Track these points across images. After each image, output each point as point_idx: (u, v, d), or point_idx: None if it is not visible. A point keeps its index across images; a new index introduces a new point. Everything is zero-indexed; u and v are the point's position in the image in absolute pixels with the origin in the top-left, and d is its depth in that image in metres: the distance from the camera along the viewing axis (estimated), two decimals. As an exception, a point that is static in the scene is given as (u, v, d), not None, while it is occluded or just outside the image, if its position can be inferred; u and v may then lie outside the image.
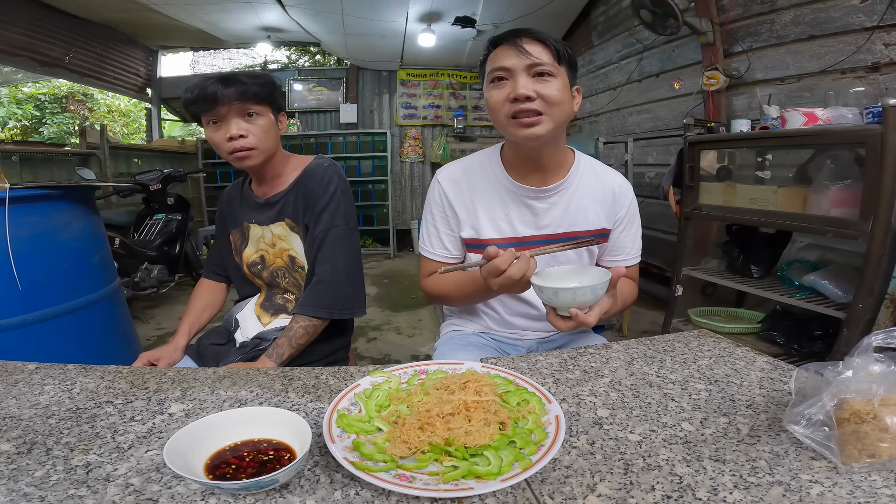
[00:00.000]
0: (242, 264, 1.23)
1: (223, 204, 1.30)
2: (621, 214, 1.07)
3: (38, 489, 0.51)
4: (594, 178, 1.07)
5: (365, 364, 0.95)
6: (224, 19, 4.92)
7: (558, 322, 0.86)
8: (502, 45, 0.93)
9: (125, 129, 9.58)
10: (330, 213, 1.11)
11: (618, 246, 1.10)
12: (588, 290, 0.80)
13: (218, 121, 1.07)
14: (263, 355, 1.06)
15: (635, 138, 3.48)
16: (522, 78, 0.90)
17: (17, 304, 1.48)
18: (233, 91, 1.04)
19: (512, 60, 0.91)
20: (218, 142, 1.08)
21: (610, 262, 1.11)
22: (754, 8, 2.67)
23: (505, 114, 0.93)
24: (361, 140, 5.91)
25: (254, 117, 1.08)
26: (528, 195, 1.03)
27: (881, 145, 1.49)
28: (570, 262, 1.06)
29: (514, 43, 0.91)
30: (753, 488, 0.50)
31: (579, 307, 0.82)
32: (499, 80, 0.93)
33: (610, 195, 1.06)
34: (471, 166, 1.09)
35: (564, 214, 1.04)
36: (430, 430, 0.57)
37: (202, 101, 1.04)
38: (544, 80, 0.91)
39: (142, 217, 3.69)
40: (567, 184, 1.04)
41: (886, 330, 0.58)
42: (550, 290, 0.81)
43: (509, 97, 0.91)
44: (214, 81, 1.04)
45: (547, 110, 0.91)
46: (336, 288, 1.11)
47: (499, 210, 1.04)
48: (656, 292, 3.54)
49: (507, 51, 0.92)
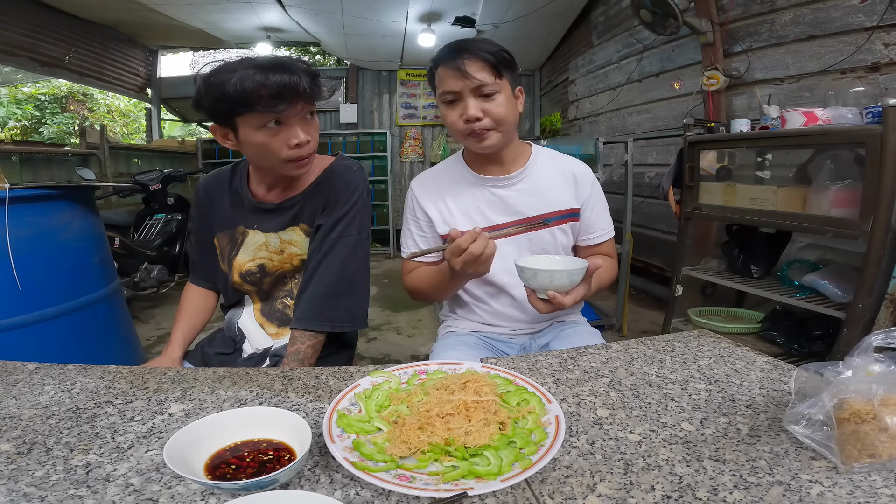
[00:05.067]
0: (232, 272, 1.10)
1: (202, 200, 1.14)
2: (587, 193, 1.15)
3: (38, 489, 0.51)
4: (553, 164, 1.16)
5: (365, 364, 0.95)
6: (224, 19, 4.92)
7: (538, 304, 0.93)
8: (446, 67, 1.00)
9: (125, 129, 9.59)
10: (347, 222, 1.04)
11: (591, 224, 1.17)
12: (565, 275, 0.88)
13: (281, 122, 0.91)
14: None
15: (635, 138, 3.47)
16: (470, 99, 1.01)
17: (17, 304, 1.48)
18: (305, 89, 0.88)
19: (458, 83, 1.00)
20: (275, 147, 0.93)
21: (586, 241, 1.18)
22: (754, 8, 2.67)
23: (461, 131, 1.05)
24: (361, 140, 5.92)
25: (313, 118, 0.97)
26: (493, 184, 1.13)
27: (881, 145, 1.49)
28: (546, 243, 1.13)
29: (455, 66, 0.98)
30: (753, 488, 0.50)
31: (557, 290, 0.89)
32: (450, 102, 1.04)
33: (571, 177, 1.15)
34: (439, 171, 1.20)
35: (531, 198, 1.12)
36: (430, 430, 0.57)
37: (268, 100, 0.86)
38: (489, 99, 1.01)
39: (142, 217, 3.69)
40: (528, 171, 1.13)
41: (886, 330, 0.58)
42: (530, 272, 0.89)
43: (462, 118, 1.02)
44: (278, 75, 0.86)
45: (495, 125, 1.03)
46: (338, 300, 1.03)
47: (470, 203, 1.13)
48: (656, 292, 3.54)
49: (451, 73, 1.00)
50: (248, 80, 0.86)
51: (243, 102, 0.87)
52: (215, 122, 0.96)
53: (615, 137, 3.78)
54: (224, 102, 0.88)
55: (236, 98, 0.86)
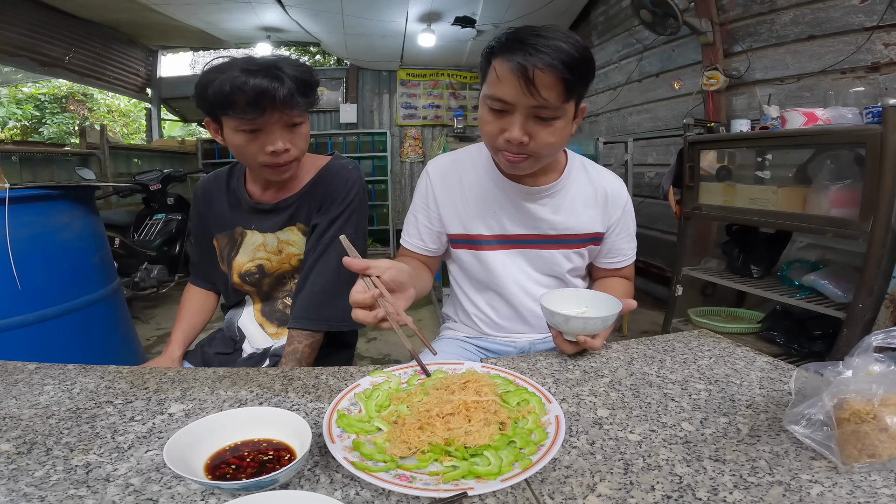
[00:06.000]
0: (231, 273, 1.11)
1: (200, 201, 1.14)
2: (616, 218, 1.05)
3: (38, 489, 0.51)
4: (587, 180, 1.04)
5: (365, 364, 0.95)
6: (224, 19, 4.92)
7: (565, 346, 0.85)
8: (510, 65, 0.78)
9: (125, 129, 9.59)
10: (343, 220, 1.04)
11: (614, 249, 1.09)
12: (599, 321, 0.80)
13: (257, 130, 0.91)
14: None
15: (635, 138, 3.48)
16: (521, 118, 0.82)
17: (17, 304, 1.48)
18: (283, 98, 0.86)
19: (516, 95, 0.79)
20: (251, 152, 0.93)
21: (606, 265, 1.11)
22: (754, 8, 2.67)
23: (496, 147, 0.88)
24: (361, 140, 5.92)
25: (297, 127, 0.95)
26: (519, 194, 1.01)
27: (881, 145, 1.49)
28: (558, 265, 1.05)
29: (523, 73, 0.77)
30: (753, 488, 0.50)
31: (587, 334, 0.81)
32: (497, 111, 0.84)
33: (602, 196, 1.04)
34: (462, 160, 1.06)
35: (556, 216, 1.02)
36: (430, 430, 0.57)
37: (243, 106, 0.86)
38: (544, 123, 0.83)
39: (142, 217, 3.69)
40: (559, 186, 1.01)
41: (886, 330, 0.58)
42: (561, 317, 0.80)
43: (504, 135, 0.84)
44: (257, 80, 0.84)
45: (536, 152, 0.86)
46: (335, 299, 1.03)
47: (488, 207, 1.02)
48: (656, 292, 3.54)
49: (512, 79, 0.78)
50: (227, 83, 0.85)
51: (220, 105, 0.88)
52: (207, 116, 0.97)
53: (615, 137, 3.78)
54: (206, 101, 0.90)
55: (214, 100, 0.88)
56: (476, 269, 1.07)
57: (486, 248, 1.05)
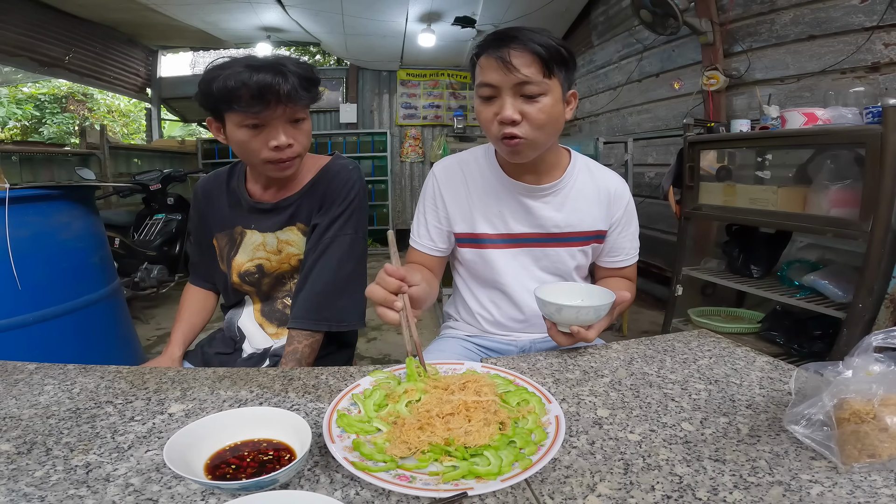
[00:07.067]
0: (231, 273, 1.11)
1: (200, 200, 1.15)
2: (618, 216, 1.07)
3: (38, 489, 0.51)
4: (590, 178, 1.06)
5: (365, 364, 0.95)
6: (224, 19, 4.92)
7: (559, 337, 0.87)
8: (489, 56, 0.88)
9: (125, 129, 9.59)
10: (343, 221, 1.04)
11: (616, 247, 1.10)
12: (591, 311, 0.82)
13: (261, 125, 0.92)
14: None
15: (635, 138, 3.48)
16: (509, 98, 0.87)
17: (17, 304, 1.48)
18: (286, 92, 0.88)
19: (498, 77, 0.87)
20: (254, 147, 0.94)
21: (608, 263, 1.12)
22: (754, 8, 2.67)
23: (494, 133, 0.92)
24: (361, 140, 5.92)
25: (300, 123, 0.96)
26: (523, 193, 1.03)
27: (881, 145, 1.49)
28: (563, 263, 1.07)
29: (500, 56, 0.85)
30: (753, 488, 0.50)
31: (581, 325, 0.83)
32: (487, 98, 0.91)
33: (605, 196, 1.06)
34: (466, 161, 1.08)
35: (559, 214, 1.04)
36: (430, 431, 0.57)
37: (247, 100, 0.87)
38: (532, 101, 0.87)
39: (142, 217, 3.69)
40: (562, 184, 1.03)
41: (886, 330, 0.58)
42: (553, 307, 0.82)
43: (497, 117, 0.89)
44: (261, 75, 0.86)
45: (531, 134, 0.89)
46: (335, 299, 1.03)
47: (493, 206, 1.04)
48: (656, 292, 3.54)
49: (493, 64, 0.86)
50: (232, 78, 0.87)
51: (224, 100, 0.89)
52: (209, 114, 0.98)
53: (615, 137, 3.78)
54: (210, 97, 0.91)
55: (218, 95, 0.89)
56: (480, 267, 1.08)
57: (491, 247, 1.06)
